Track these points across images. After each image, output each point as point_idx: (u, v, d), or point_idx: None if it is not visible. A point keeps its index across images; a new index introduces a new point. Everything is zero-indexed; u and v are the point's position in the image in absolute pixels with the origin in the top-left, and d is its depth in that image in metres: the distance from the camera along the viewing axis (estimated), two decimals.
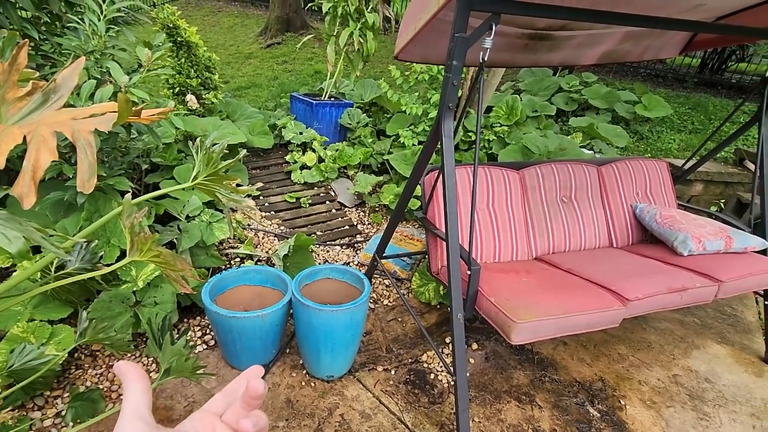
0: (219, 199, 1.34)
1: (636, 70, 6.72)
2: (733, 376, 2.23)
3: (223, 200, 1.33)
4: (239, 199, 1.34)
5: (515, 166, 2.30)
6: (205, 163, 1.26)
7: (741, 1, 1.90)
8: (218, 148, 1.26)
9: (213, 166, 1.25)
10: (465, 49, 1.42)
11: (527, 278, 1.88)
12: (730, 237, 2.10)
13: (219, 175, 1.26)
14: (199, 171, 1.27)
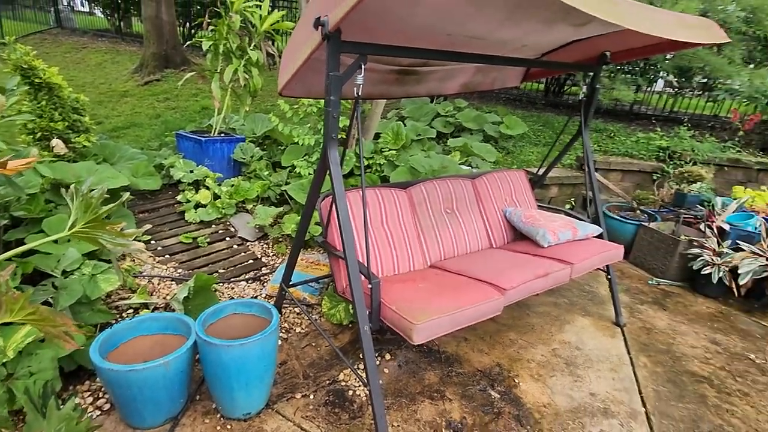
0: (104, 246, 1.31)
1: (498, 95, 7.79)
2: (595, 341, 2.70)
3: (108, 246, 1.30)
4: (126, 243, 1.32)
5: (402, 186, 2.55)
6: (83, 210, 1.23)
7: (551, 43, 2.43)
8: (97, 193, 1.24)
9: (93, 212, 1.23)
10: (340, 86, 1.60)
11: (423, 284, 2.09)
12: (576, 228, 2.59)
13: (100, 221, 1.24)
14: (77, 219, 1.23)
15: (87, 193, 1.23)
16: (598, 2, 1.57)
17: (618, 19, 1.58)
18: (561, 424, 2.02)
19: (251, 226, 3.26)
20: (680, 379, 2.41)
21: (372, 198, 2.36)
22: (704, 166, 4.31)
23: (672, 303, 3.27)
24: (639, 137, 5.11)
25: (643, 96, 6.76)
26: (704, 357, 2.62)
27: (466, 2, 1.58)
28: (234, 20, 3.82)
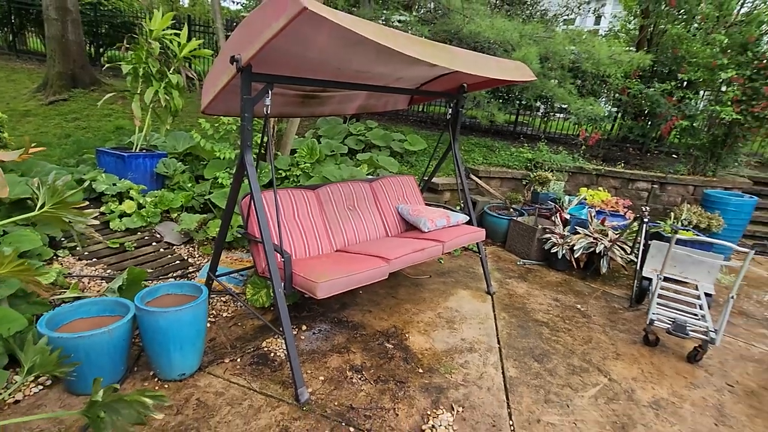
0: (68, 224, 1.72)
1: (407, 117, 8.78)
2: (470, 306, 3.45)
3: (72, 221, 1.72)
4: (84, 220, 1.74)
5: (311, 188, 3.12)
6: (49, 195, 1.65)
7: (422, 77, 3.21)
8: (61, 182, 1.67)
9: (58, 196, 1.65)
10: (252, 106, 2.14)
11: (328, 260, 2.65)
12: (449, 216, 3.35)
13: (64, 203, 1.66)
14: (44, 202, 1.64)
15: (54, 182, 1.65)
16: (438, 53, 2.32)
17: (452, 65, 2.34)
18: (437, 359, 2.68)
19: (177, 231, 3.58)
20: (527, 324, 3.22)
21: (285, 197, 2.89)
22: (557, 172, 5.47)
23: (531, 276, 4.18)
24: (512, 151, 6.26)
25: (524, 118, 8.15)
26: (546, 310, 3.49)
27: (342, 47, 2.24)
28: (153, 47, 4.16)
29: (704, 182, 5.62)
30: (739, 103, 5.11)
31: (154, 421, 2.00)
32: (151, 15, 4.30)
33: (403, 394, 2.34)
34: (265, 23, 1.81)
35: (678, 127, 5.55)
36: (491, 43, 5.47)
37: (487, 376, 2.56)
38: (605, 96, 7.24)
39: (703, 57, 5.38)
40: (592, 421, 2.26)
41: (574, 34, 5.33)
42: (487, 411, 2.27)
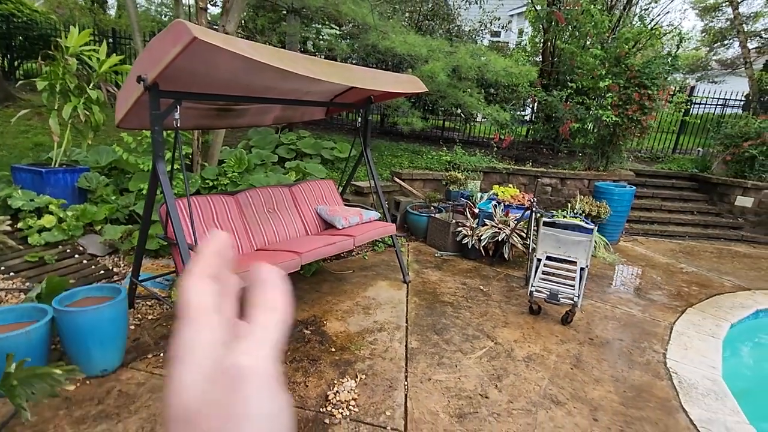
0: None
1: (341, 126, 9.14)
2: (387, 294, 3.83)
3: None
4: None
5: (231, 193, 3.37)
6: None
7: (332, 90, 3.58)
8: None
9: None
10: (161, 121, 2.39)
11: (245, 257, 2.92)
12: (362, 214, 3.73)
13: None
14: None
15: None
16: (335, 71, 2.69)
17: (347, 82, 2.71)
18: (349, 339, 3.02)
19: (100, 242, 3.66)
20: (434, 305, 3.66)
21: (204, 202, 3.12)
22: (472, 172, 6.07)
23: (446, 266, 4.67)
24: (433, 155, 6.82)
25: (452, 124, 8.82)
26: (453, 292, 3.96)
27: (245, 68, 2.55)
28: (70, 63, 4.20)
29: (596, 176, 6.47)
30: (617, 107, 5.99)
31: (75, 411, 2.17)
32: (68, 30, 4.34)
33: (315, 370, 2.65)
34: (165, 49, 2.09)
35: (571, 129, 6.36)
36: (405, 57, 5.98)
37: (392, 350, 2.94)
38: (516, 103, 8.03)
39: (587, 68, 6.24)
40: (474, 375, 2.70)
41: (475, 49, 5.97)
42: (386, 376, 2.64)
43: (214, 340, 0.26)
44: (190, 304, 0.27)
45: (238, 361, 0.25)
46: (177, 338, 0.26)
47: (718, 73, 18.68)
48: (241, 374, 0.24)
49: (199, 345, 0.26)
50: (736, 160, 6.83)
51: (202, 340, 0.26)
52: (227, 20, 4.14)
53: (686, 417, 2.45)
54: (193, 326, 0.26)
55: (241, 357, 0.25)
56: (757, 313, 4.00)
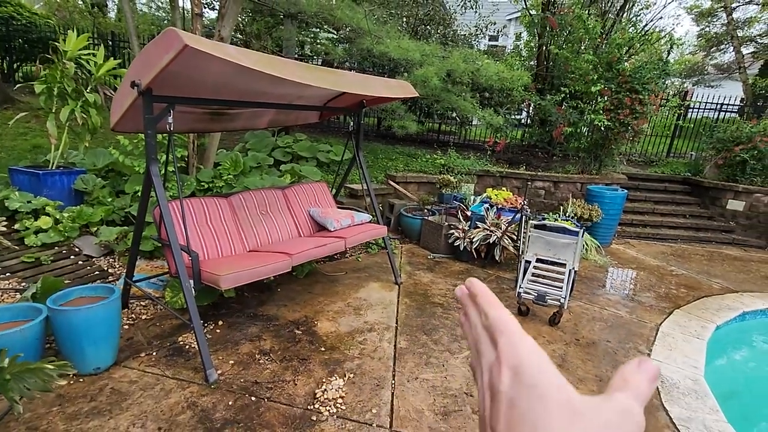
0: None
1: (339, 129, 9.22)
2: (378, 295, 3.89)
3: None
4: None
5: (224, 195, 3.43)
6: None
7: (325, 95, 3.64)
8: None
9: None
10: (154, 124, 2.46)
11: (238, 258, 2.98)
12: (353, 216, 3.79)
13: None
14: None
15: None
16: (325, 77, 2.75)
17: (336, 87, 2.77)
18: (339, 339, 3.08)
19: (96, 243, 3.72)
20: (424, 306, 3.71)
21: (197, 205, 3.18)
22: (466, 175, 6.14)
23: (439, 268, 4.72)
24: (428, 158, 6.89)
25: (448, 127, 8.89)
26: (444, 294, 4.02)
27: (237, 74, 2.61)
28: (68, 67, 4.27)
29: (589, 179, 6.54)
30: (609, 112, 6.07)
31: (68, 407, 2.22)
32: (67, 34, 4.41)
33: (304, 369, 2.71)
34: (159, 55, 2.16)
35: (564, 133, 6.44)
36: (400, 62, 6.06)
37: (381, 349, 2.99)
38: (511, 107, 8.11)
39: (579, 73, 6.32)
40: (461, 375, 2.76)
41: (468, 54, 6.05)
42: (374, 375, 2.69)
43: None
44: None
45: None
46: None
47: (715, 78, 18.82)
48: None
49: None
50: (728, 164, 6.91)
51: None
52: (222, 25, 4.22)
53: (666, 415, 2.51)
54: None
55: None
56: (743, 315, 4.06)
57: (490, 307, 0.34)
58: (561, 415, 0.27)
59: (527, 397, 0.28)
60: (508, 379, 0.30)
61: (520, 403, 0.28)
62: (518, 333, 0.32)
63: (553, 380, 0.29)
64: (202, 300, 3.22)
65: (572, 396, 0.28)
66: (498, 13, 11.18)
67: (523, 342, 0.31)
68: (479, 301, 0.35)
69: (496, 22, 11.62)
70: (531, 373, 0.29)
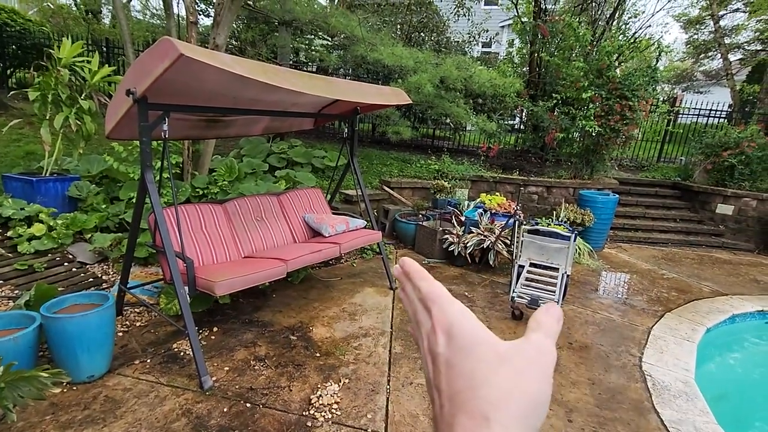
0: None
1: (334, 135, 9.26)
2: (374, 300, 3.91)
3: None
4: None
5: (219, 202, 3.44)
6: None
7: (320, 102, 3.68)
8: None
9: None
10: (149, 132, 2.47)
11: (232, 264, 2.99)
12: (348, 222, 3.82)
13: None
14: None
15: None
16: (318, 84, 2.78)
17: (329, 94, 2.80)
18: (335, 345, 3.09)
19: (90, 250, 3.71)
20: None
21: (192, 211, 3.19)
22: (460, 180, 6.19)
23: (433, 273, 4.74)
24: (422, 164, 6.94)
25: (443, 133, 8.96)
26: None
27: (232, 81, 2.64)
28: (63, 74, 4.28)
29: (581, 184, 6.62)
30: (600, 118, 6.16)
31: (61, 416, 2.21)
32: (61, 40, 4.42)
33: (299, 374, 2.71)
34: (154, 63, 2.18)
35: (556, 139, 6.52)
36: (394, 69, 6.12)
37: (376, 354, 3.01)
38: (504, 113, 8.20)
39: (571, 80, 6.42)
40: None
41: (461, 61, 6.13)
42: (369, 380, 2.71)
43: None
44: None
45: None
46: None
47: (703, 84, 19.13)
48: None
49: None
50: (717, 169, 7.02)
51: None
52: (218, 33, 4.25)
53: (657, 418, 2.54)
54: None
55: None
56: (733, 317, 4.12)
57: (422, 280, 0.37)
58: (490, 363, 0.31)
59: (460, 355, 0.32)
60: (443, 341, 0.33)
61: (455, 360, 0.32)
62: (447, 300, 0.35)
63: (480, 335, 0.33)
64: (196, 306, 3.22)
65: (497, 345, 0.32)
66: (491, 20, 11.32)
67: (452, 307, 0.35)
68: (412, 277, 0.38)
69: (489, 29, 11.76)
70: (461, 333, 0.33)
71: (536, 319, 0.35)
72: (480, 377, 0.31)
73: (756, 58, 13.85)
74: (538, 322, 0.35)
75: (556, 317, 0.35)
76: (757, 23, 12.70)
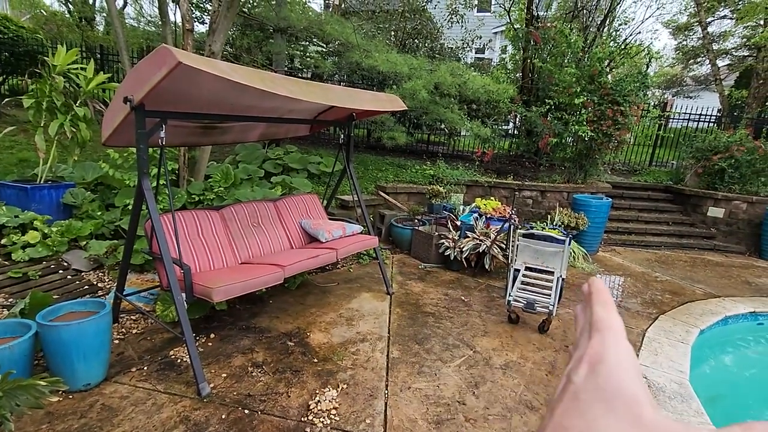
0: None
1: (329, 141, 9.29)
2: (370, 305, 3.91)
3: None
4: None
5: (216, 208, 3.44)
6: None
7: (315, 108, 3.70)
8: None
9: None
10: (146, 139, 2.48)
11: (230, 270, 2.99)
12: (344, 227, 3.83)
13: None
14: None
15: None
16: (313, 91, 2.81)
17: (324, 101, 2.83)
18: (332, 350, 3.09)
19: (85, 258, 3.69)
20: (416, 316, 3.74)
21: (189, 217, 3.19)
22: (455, 185, 6.23)
23: (430, 277, 4.77)
24: (417, 169, 6.98)
25: (438, 138, 9.02)
26: (435, 303, 4.06)
27: (229, 88, 2.66)
28: (58, 81, 4.27)
29: (575, 188, 6.68)
30: (592, 123, 6.24)
31: (57, 425, 2.19)
32: (55, 47, 4.42)
33: (297, 380, 2.71)
34: (152, 71, 2.19)
35: (550, 144, 6.59)
36: (389, 75, 6.18)
37: (373, 359, 3.01)
38: (498, 118, 8.28)
39: (563, 85, 6.51)
40: (453, 383, 2.79)
41: (455, 67, 6.20)
42: (368, 385, 2.71)
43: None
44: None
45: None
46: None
47: (693, 89, 19.44)
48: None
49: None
50: (707, 173, 7.12)
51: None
52: (213, 40, 4.27)
53: None
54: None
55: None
56: (726, 319, 4.17)
57: (598, 305, 0.34)
58: (621, 423, 0.26)
59: (593, 395, 0.28)
60: (584, 372, 0.30)
61: (584, 397, 0.28)
62: (615, 335, 0.31)
63: (629, 388, 0.28)
64: (193, 313, 3.21)
65: (643, 410, 0.27)
66: (484, 27, 11.45)
67: (617, 345, 0.31)
68: (591, 298, 0.35)
69: (482, 36, 11.89)
70: (608, 374, 0.28)
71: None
72: (600, 430, 0.26)
73: (743, 63, 14.11)
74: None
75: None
76: (744, 29, 12.96)
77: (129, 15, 13.25)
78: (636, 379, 0.29)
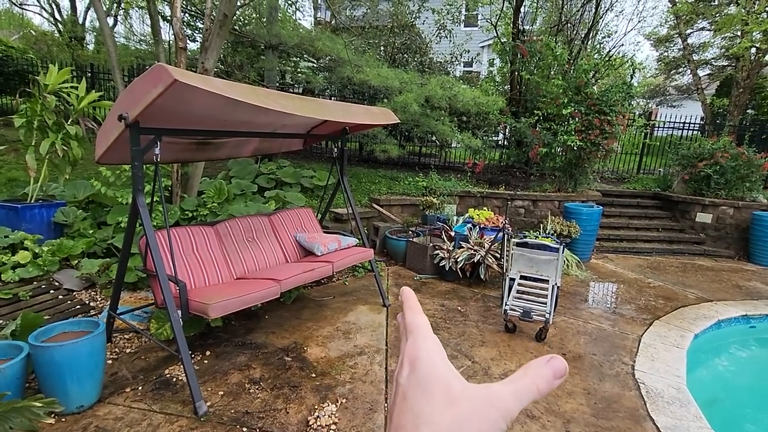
0: None
1: (321, 155, 9.33)
2: (367, 318, 3.90)
3: None
4: None
5: (210, 224, 3.43)
6: None
7: (309, 123, 3.74)
8: None
9: None
10: (141, 156, 2.48)
11: (225, 286, 2.97)
12: (340, 240, 3.84)
13: None
14: None
15: None
16: (307, 106, 2.84)
17: (318, 115, 2.86)
18: (330, 365, 3.06)
19: (77, 277, 3.64)
20: None
21: (183, 234, 3.18)
22: (447, 196, 6.28)
23: (425, 288, 4.77)
24: (410, 181, 7.03)
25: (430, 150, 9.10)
26: (432, 314, 4.05)
27: (223, 105, 2.68)
28: (49, 100, 4.27)
29: (566, 197, 6.77)
30: (580, 132, 6.37)
31: None
32: (45, 66, 4.42)
33: (295, 396, 2.68)
34: (147, 89, 2.21)
35: (540, 154, 6.70)
36: (380, 89, 6.27)
37: (372, 373, 2.99)
38: (488, 129, 8.40)
39: (551, 97, 6.65)
40: None
41: (445, 81, 6.31)
42: (367, 399, 2.69)
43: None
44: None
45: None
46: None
47: (677, 98, 19.93)
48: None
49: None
50: (694, 179, 7.27)
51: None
52: (206, 57, 4.31)
53: (653, 425, 2.58)
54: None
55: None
56: (719, 323, 4.22)
57: (408, 310, 0.38)
58: (439, 403, 0.30)
59: (416, 389, 0.32)
60: (406, 372, 0.33)
61: (409, 394, 0.32)
62: (423, 334, 0.35)
63: (438, 373, 0.32)
64: (188, 330, 3.18)
65: (452, 386, 0.31)
66: (471, 41, 11.70)
67: (425, 341, 0.34)
68: (402, 306, 0.39)
69: (470, 50, 12.13)
70: (422, 367, 0.33)
71: (526, 368, 0.33)
72: (425, 416, 0.30)
73: (723, 73, 14.54)
74: (525, 371, 0.33)
75: (555, 372, 0.33)
76: (722, 40, 13.39)
77: (120, 33, 13.31)
78: (443, 364, 0.33)
